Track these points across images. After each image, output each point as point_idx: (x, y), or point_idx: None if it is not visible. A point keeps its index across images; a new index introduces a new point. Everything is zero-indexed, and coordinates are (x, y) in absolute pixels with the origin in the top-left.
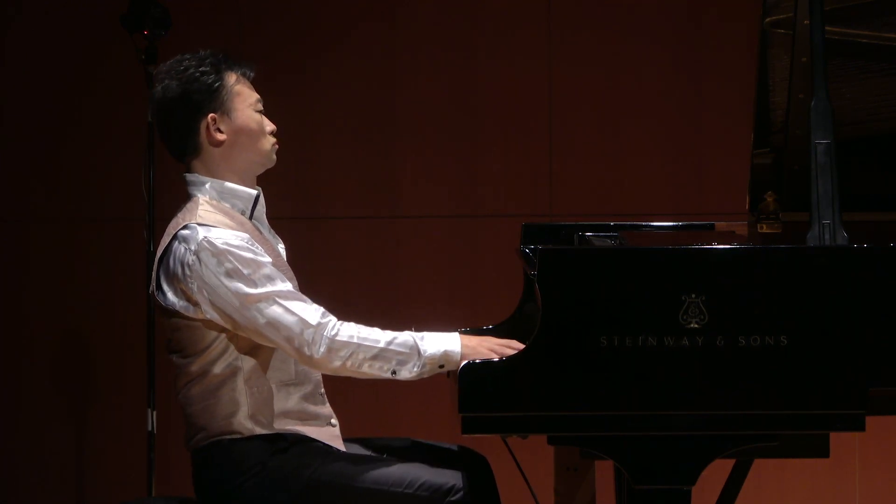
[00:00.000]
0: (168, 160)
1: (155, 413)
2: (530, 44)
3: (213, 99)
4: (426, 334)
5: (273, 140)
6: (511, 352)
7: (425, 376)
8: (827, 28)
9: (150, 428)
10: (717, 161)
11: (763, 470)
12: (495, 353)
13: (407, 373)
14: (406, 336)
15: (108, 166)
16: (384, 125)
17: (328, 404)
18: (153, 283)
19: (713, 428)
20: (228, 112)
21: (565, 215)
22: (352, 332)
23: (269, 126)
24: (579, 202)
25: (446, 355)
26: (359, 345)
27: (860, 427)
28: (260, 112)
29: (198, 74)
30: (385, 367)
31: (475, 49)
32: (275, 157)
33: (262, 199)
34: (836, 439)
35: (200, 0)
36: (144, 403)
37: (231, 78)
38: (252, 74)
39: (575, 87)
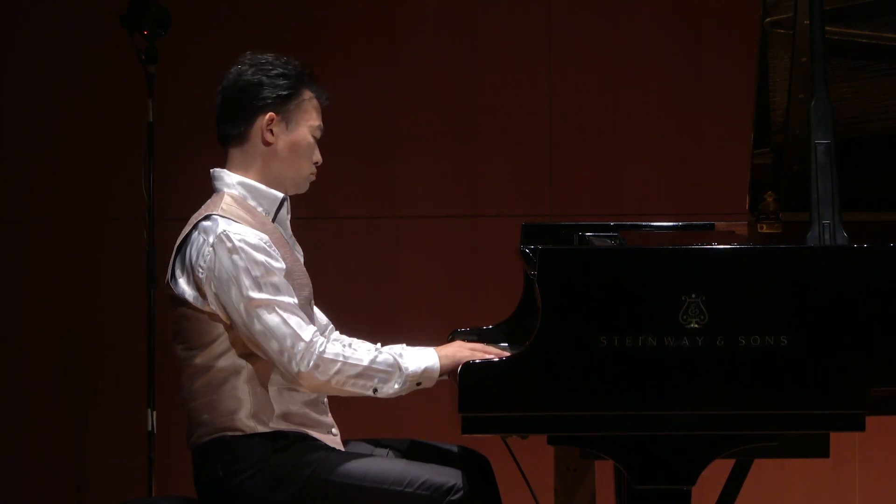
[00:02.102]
0: (168, 160)
1: (155, 413)
2: (531, 45)
3: (281, 102)
4: (404, 351)
5: (314, 170)
6: (483, 355)
7: (403, 394)
8: (827, 28)
9: (150, 428)
10: (717, 161)
11: (763, 470)
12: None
13: (388, 389)
14: (386, 354)
15: (108, 166)
16: (385, 126)
17: (329, 414)
18: (168, 272)
19: (713, 428)
20: (288, 121)
21: (565, 215)
22: (338, 349)
23: (317, 156)
24: (579, 202)
25: (426, 372)
26: (344, 362)
27: (860, 427)
28: (316, 139)
29: (277, 73)
30: (368, 385)
31: (476, 50)
32: (307, 186)
33: (287, 204)
34: (836, 439)
35: (200, 0)
36: (144, 403)
37: (306, 94)
38: (326, 103)
39: (575, 87)
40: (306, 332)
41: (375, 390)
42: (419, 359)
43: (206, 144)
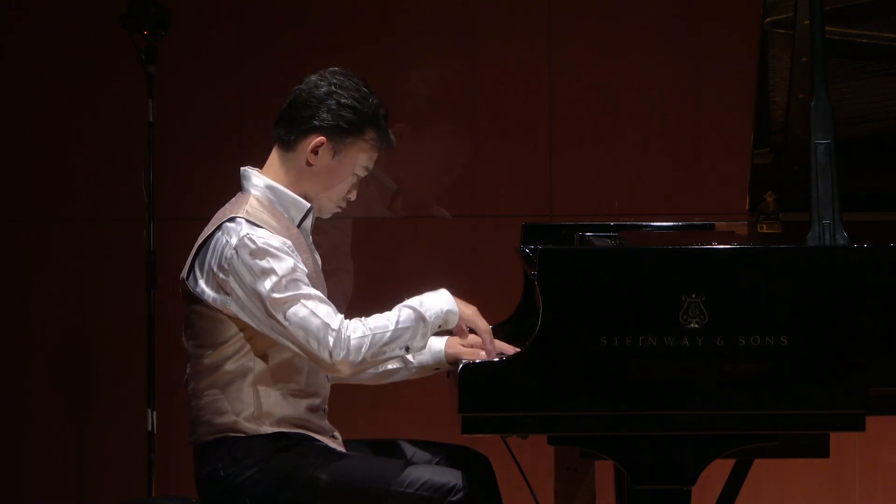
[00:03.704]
0: (168, 160)
1: (155, 413)
2: (531, 45)
3: (339, 132)
4: (420, 299)
5: (343, 205)
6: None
7: (427, 339)
8: (827, 28)
9: (150, 428)
10: (717, 161)
11: (763, 470)
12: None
13: (417, 343)
14: (406, 310)
15: (108, 166)
16: None
17: (327, 420)
18: (185, 268)
19: (713, 428)
20: (337, 151)
21: (565, 215)
22: (360, 326)
23: (353, 195)
24: (579, 202)
25: (447, 314)
26: (373, 335)
27: (860, 427)
28: (357, 177)
29: (350, 102)
30: (400, 346)
31: (476, 51)
32: (330, 215)
33: (312, 214)
34: (836, 439)
35: (200, 0)
36: (144, 403)
37: (370, 134)
38: (387, 149)
39: (575, 87)
40: (335, 320)
41: (408, 348)
42: (437, 302)
43: (206, 144)
